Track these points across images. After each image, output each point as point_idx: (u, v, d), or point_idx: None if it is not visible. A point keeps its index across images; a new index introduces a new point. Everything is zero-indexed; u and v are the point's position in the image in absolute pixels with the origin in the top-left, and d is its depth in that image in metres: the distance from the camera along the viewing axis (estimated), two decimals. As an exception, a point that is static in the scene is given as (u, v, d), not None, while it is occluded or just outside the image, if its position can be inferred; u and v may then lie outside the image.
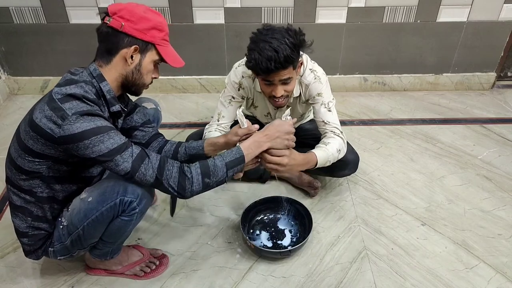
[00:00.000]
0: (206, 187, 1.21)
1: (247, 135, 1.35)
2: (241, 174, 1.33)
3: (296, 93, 1.60)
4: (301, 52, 1.48)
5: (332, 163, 1.68)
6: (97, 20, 1.17)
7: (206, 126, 1.69)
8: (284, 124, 1.33)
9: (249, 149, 1.26)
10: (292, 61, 1.35)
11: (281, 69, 1.35)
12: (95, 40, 1.18)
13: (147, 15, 1.15)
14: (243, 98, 1.67)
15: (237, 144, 1.31)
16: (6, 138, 2.21)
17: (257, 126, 1.35)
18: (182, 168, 1.19)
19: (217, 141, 1.38)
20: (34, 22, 2.37)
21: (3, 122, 2.36)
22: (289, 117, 1.38)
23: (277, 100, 1.48)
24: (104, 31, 1.14)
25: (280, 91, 1.44)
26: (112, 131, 1.11)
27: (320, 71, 1.60)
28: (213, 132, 1.63)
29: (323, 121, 1.59)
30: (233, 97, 1.64)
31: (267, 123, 1.82)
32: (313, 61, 1.62)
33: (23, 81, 2.59)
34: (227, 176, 1.23)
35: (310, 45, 1.43)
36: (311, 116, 1.88)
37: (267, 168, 1.37)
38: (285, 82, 1.42)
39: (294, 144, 1.37)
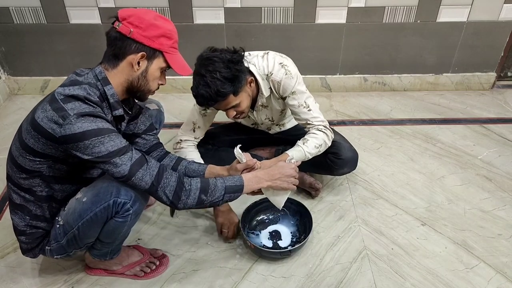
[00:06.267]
0: (200, 203, 1.21)
1: (248, 169, 1.36)
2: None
3: (266, 93, 1.57)
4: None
5: (331, 161, 1.69)
6: (97, 20, 1.18)
7: (180, 133, 1.64)
8: (286, 167, 1.35)
9: (249, 181, 1.29)
10: (225, 94, 1.36)
11: (217, 102, 1.38)
12: (95, 40, 1.18)
13: (157, 22, 1.15)
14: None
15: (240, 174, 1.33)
16: (6, 138, 2.21)
17: (255, 160, 1.37)
18: (181, 179, 1.20)
19: (221, 173, 1.38)
20: (34, 22, 2.37)
21: (3, 122, 2.36)
22: (293, 160, 1.41)
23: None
24: (113, 35, 1.15)
25: (231, 113, 1.47)
26: (113, 133, 1.12)
27: (290, 63, 1.57)
28: (191, 149, 1.62)
29: (306, 122, 1.60)
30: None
31: (253, 124, 1.83)
32: (282, 55, 1.58)
33: (23, 81, 2.59)
34: (222, 199, 1.24)
35: (246, 71, 1.43)
36: None
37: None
38: (231, 107, 1.45)
39: (295, 188, 1.39)
